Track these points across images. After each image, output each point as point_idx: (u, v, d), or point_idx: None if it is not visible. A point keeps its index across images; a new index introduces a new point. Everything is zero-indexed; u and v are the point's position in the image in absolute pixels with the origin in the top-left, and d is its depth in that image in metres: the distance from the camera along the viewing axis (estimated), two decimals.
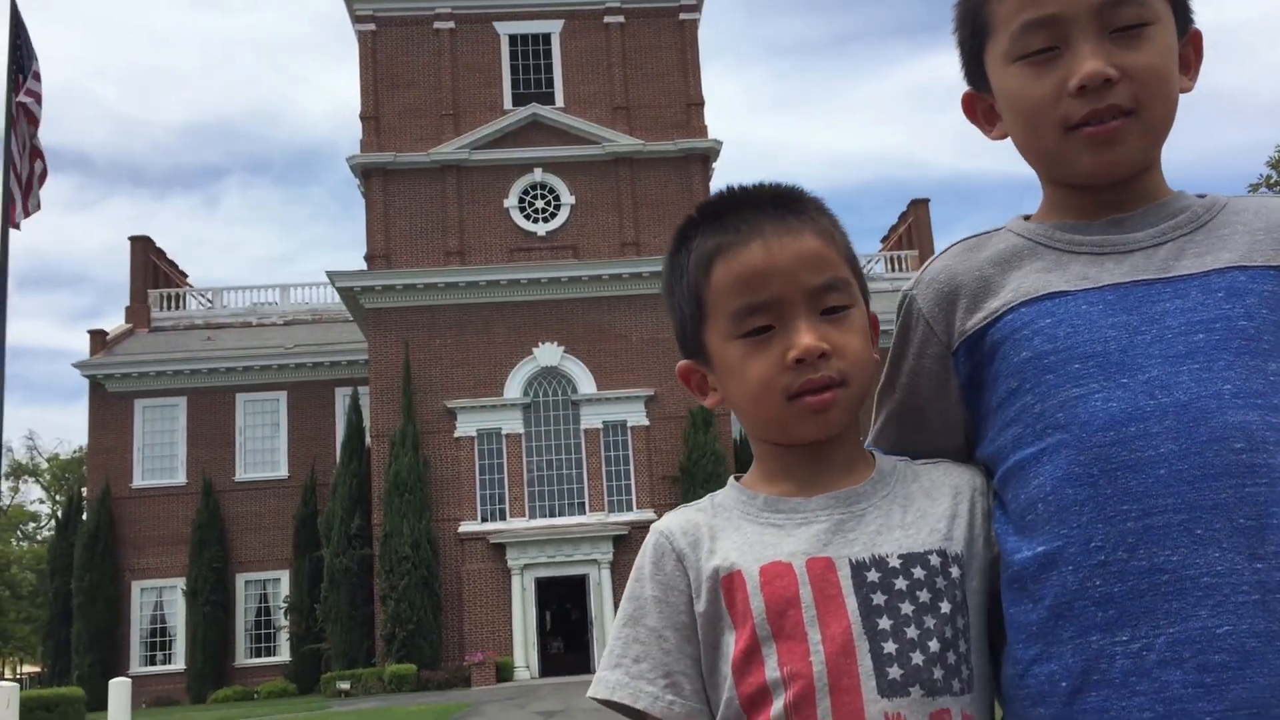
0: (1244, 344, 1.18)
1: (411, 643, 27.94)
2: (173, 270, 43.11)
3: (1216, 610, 1.10)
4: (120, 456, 36.09)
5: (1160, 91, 1.22)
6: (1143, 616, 1.13)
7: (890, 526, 1.24)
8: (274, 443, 36.79)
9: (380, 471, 29.58)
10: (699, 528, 1.26)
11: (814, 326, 1.22)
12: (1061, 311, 1.24)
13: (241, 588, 35.53)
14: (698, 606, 1.22)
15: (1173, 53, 1.25)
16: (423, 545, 28.54)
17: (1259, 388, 1.17)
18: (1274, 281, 1.21)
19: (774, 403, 1.23)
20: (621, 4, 33.23)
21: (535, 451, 30.70)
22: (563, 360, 31.04)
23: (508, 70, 32.83)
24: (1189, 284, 1.22)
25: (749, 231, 1.25)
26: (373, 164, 31.67)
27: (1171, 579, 1.12)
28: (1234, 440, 1.14)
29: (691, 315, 1.30)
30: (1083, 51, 1.21)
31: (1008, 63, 1.27)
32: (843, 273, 1.27)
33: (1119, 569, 1.15)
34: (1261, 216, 1.26)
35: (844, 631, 1.16)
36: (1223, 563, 1.11)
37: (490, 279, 30.88)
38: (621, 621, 1.25)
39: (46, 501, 58.62)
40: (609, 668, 1.23)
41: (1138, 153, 1.24)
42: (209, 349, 37.05)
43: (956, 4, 1.34)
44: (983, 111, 1.35)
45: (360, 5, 32.59)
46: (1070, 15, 1.22)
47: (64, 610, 34.68)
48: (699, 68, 33.31)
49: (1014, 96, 1.27)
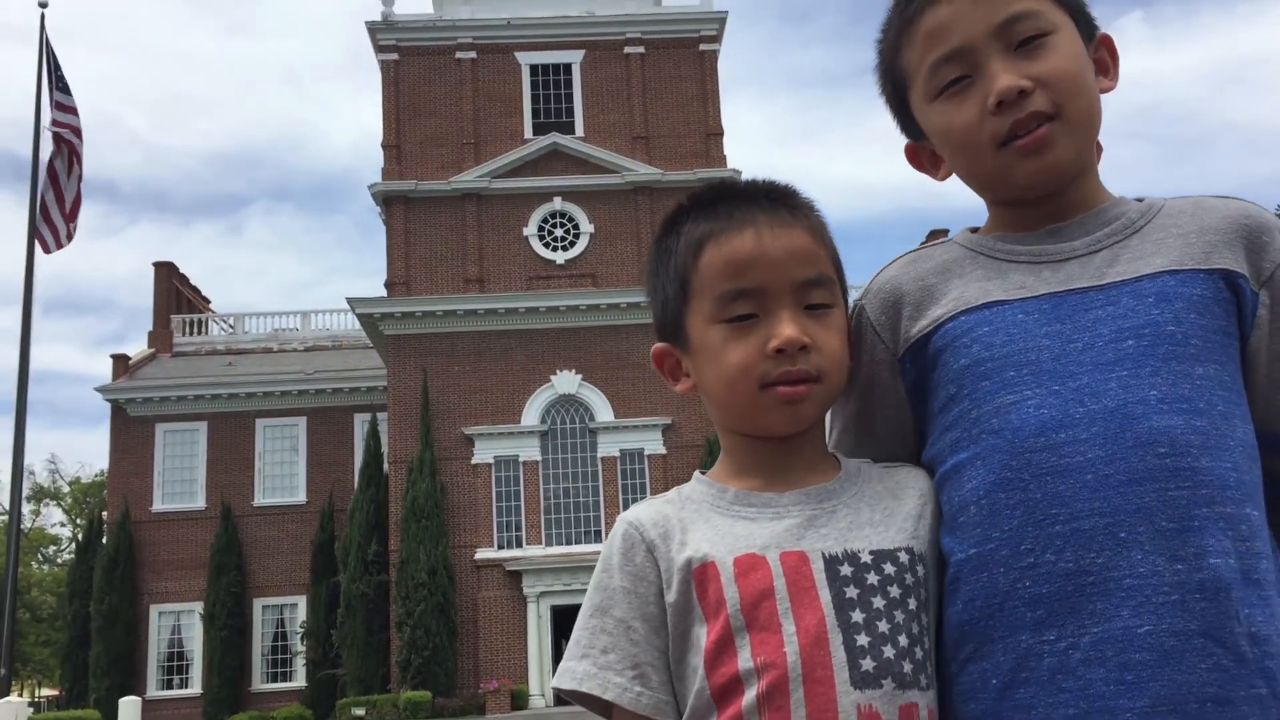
0: (1171, 349, 1.21)
1: (427, 669, 27.88)
2: (195, 296, 43.47)
3: (1138, 610, 1.13)
4: (140, 480, 36.28)
5: (1075, 90, 1.26)
6: (1069, 617, 1.16)
7: (860, 524, 1.25)
8: (293, 468, 36.92)
9: (398, 497, 29.62)
10: (669, 519, 1.26)
11: (797, 319, 1.24)
12: (999, 320, 1.27)
13: (259, 612, 35.55)
14: (668, 597, 1.22)
15: (1079, 56, 1.28)
16: (439, 572, 28.52)
17: (1185, 392, 1.19)
18: (1203, 285, 1.23)
19: (748, 389, 1.24)
20: (642, 35, 33.48)
21: (552, 479, 30.69)
22: (580, 388, 31.08)
23: (528, 100, 33.08)
24: (1121, 290, 1.25)
25: (742, 219, 1.27)
26: (394, 191, 31.92)
27: (1096, 580, 1.15)
28: (1158, 445, 1.17)
29: (675, 297, 1.31)
30: (992, 70, 1.25)
31: (929, 102, 1.31)
32: (829, 271, 1.29)
33: (1047, 571, 1.17)
34: (1195, 219, 1.28)
35: (818, 623, 1.17)
36: (1144, 564, 1.14)
37: (509, 306, 30.99)
38: (589, 612, 1.25)
39: (67, 525, 58.95)
40: (575, 658, 1.23)
41: (1070, 154, 1.27)
42: (230, 374, 37.29)
43: (875, 68, 1.40)
44: (926, 158, 1.40)
45: (384, 35, 32.96)
46: (973, 43, 1.26)
47: (83, 633, 34.78)
48: (718, 98, 33.48)
49: (943, 130, 1.31)
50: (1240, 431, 1.21)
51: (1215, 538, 1.15)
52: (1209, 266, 1.24)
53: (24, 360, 14.35)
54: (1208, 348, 1.21)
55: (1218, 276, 1.23)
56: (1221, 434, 1.19)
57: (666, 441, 30.74)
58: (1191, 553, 1.14)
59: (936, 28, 1.28)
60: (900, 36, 1.33)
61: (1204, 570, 1.13)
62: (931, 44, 1.29)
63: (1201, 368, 1.20)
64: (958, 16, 1.27)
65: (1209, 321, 1.22)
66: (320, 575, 33.65)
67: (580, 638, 1.24)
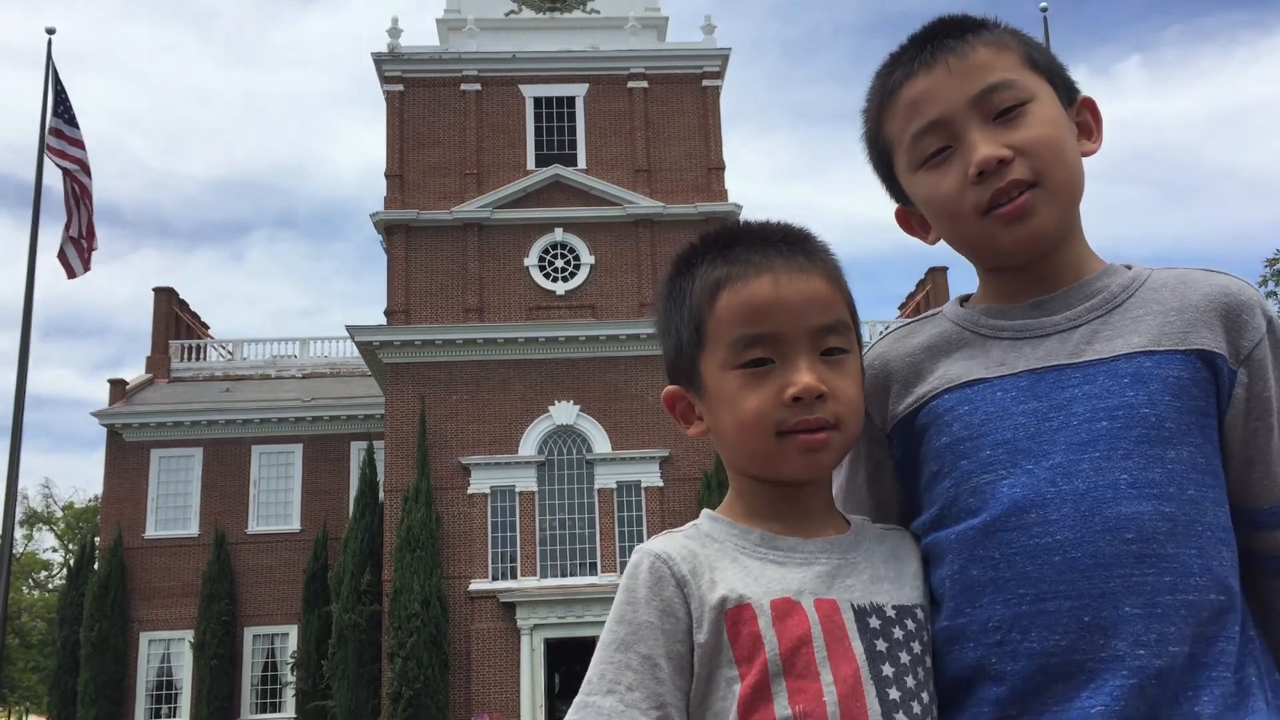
0: (1145, 432, 1.21)
1: (418, 702, 27.61)
2: (194, 321, 43.48)
3: (1095, 693, 1.15)
4: (134, 506, 36.10)
5: (1055, 158, 1.27)
6: (1032, 696, 1.18)
7: (879, 579, 1.25)
8: (288, 495, 36.76)
9: (392, 527, 29.48)
10: (696, 556, 1.24)
11: (814, 366, 1.23)
12: (978, 398, 1.29)
13: (249, 642, 35.26)
14: (698, 637, 1.19)
15: (1058, 122, 1.30)
16: (432, 603, 28.32)
17: (1156, 477, 1.20)
18: (1180, 366, 1.24)
19: (764, 437, 1.23)
20: (645, 70, 33.74)
21: (548, 510, 30.57)
22: (578, 419, 31.03)
23: (531, 132, 33.27)
24: (1097, 369, 1.26)
25: (760, 264, 1.26)
26: (396, 220, 32.03)
27: (1060, 662, 1.17)
28: (1126, 531, 1.18)
29: (689, 340, 1.30)
30: (973, 141, 1.26)
31: (913, 172, 1.33)
32: (845, 317, 1.28)
33: (1013, 649, 1.19)
34: (1178, 294, 1.28)
35: (853, 674, 1.16)
36: (1107, 649, 1.16)
37: (508, 336, 31.00)
38: (613, 645, 1.20)
39: (59, 550, 58.63)
40: (601, 693, 1.18)
41: (1052, 221, 1.27)
42: (227, 400, 37.21)
43: (861, 136, 1.42)
44: (916, 222, 1.41)
45: (390, 67, 33.20)
46: (951, 115, 1.28)
47: (72, 660, 34.47)
48: (720, 133, 33.68)
49: (927, 199, 1.33)
50: (1210, 515, 1.21)
51: (1176, 625, 1.16)
52: (1186, 347, 1.24)
53: (21, 383, 14.31)
54: (1182, 429, 1.22)
55: (1195, 357, 1.24)
56: (1190, 519, 1.19)
57: (664, 474, 30.64)
58: (1154, 639, 1.16)
59: (916, 99, 1.30)
60: (882, 107, 1.36)
61: (1164, 657, 1.15)
62: (912, 115, 1.31)
63: (1175, 451, 1.21)
64: (936, 88, 1.29)
65: (1185, 403, 1.23)
66: (313, 604, 33.41)
67: (606, 672, 1.19)
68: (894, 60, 1.36)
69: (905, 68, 1.33)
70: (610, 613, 1.24)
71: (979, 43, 1.30)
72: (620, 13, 34.56)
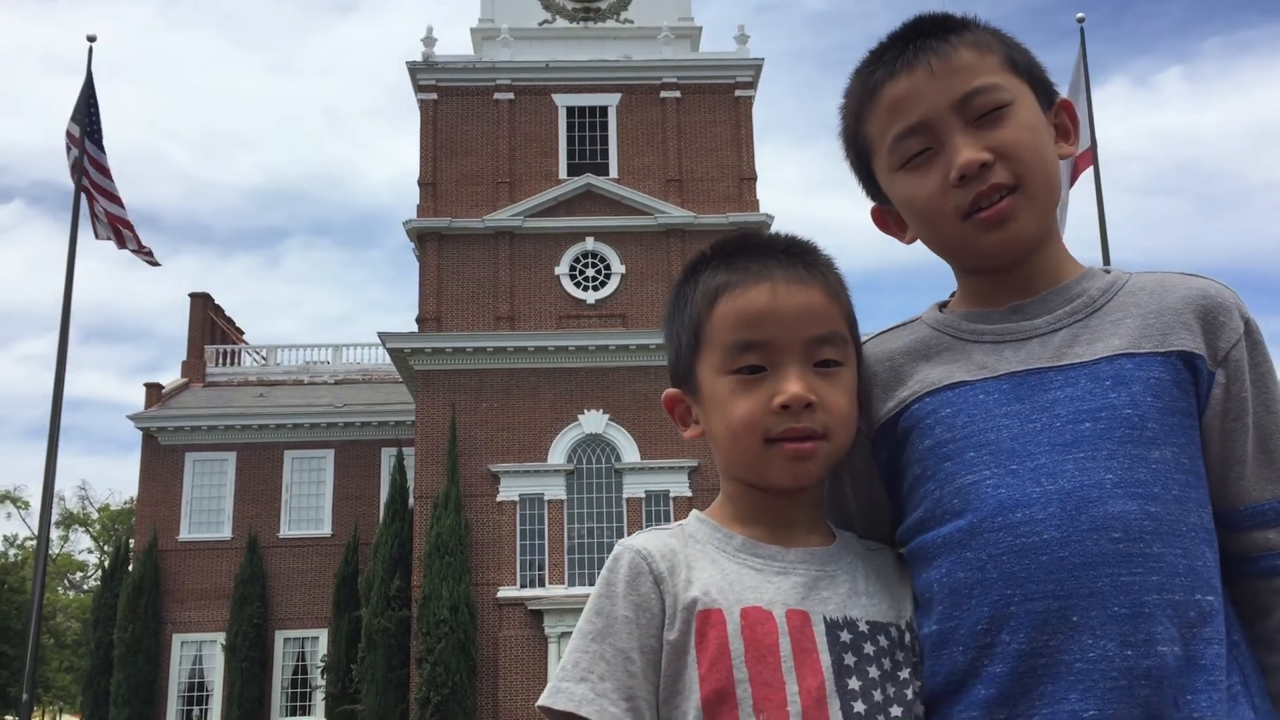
0: (1128, 433, 1.22)
1: (445, 708, 27.70)
2: (230, 327, 43.94)
3: (1085, 695, 1.15)
4: (169, 509, 36.50)
5: (1034, 162, 1.28)
6: (1020, 697, 1.18)
7: (857, 593, 1.26)
8: (319, 500, 37.03)
9: (422, 533, 29.62)
10: (675, 553, 1.26)
11: (804, 376, 1.25)
12: (961, 401, 1.29)
13: (280, 645, 35.52)
14: (668, 634, 1.21)
15: (1037, 126, 1.30)
16: (461, 609, 28.42)
17: (1140, 477, 1.20)
18: (1160, 368, 1.24)
19: (752, 443, 1.25)
20: (678, 80, 33.79)
21: (577, 519, 30.60)
22: (607, 428, 31.06)
23: (564, 141, 33.40)
24: (1079, 372, 1.26)
25: (759, 273, 1.29)
26: (428, 228, 32.24)
27: (1048, 663, 1.17)
28: (1112, 530, 1.18)
29: (688, 345, 1.33)
30: (955, 144, 1.27)
31: (893, 173, 1.34)
32: (841, 329, 1.30)
33: (1002, 651, 1.19)
34: (1155, 298, 1.29)
35: (819, 686, 1.17)
36: (1095, 649, 1.16)
37: (539, 345, 31.10)
38: (589, 636, 1.23)
39: (95, 551, 59.33)
40: (574, 680, 1.21)
41: (1032, 225, 1.28)
42: (260, 405, 37.56)
43: (839, 134, 1.43)
44: (893, 221, 1.42)
45: (424, 76, 33.46)
46: (933, 117, 1.29)
47: (105, 661, 34.86)
48: (752, 143, 33.66)
49: (907, 201, 1.33)
50: (1194, 516, 1.21)
51: (1164, 625, 1.16)
52: (1167, 349, 1.25)
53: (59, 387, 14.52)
54: (1164, 430, 1.22)
55: (1175, 358, 1.24)
56: (1175, 519, 1.20)
57: (692, 484, 30.60)
58: (1141, 639, 1.16)
59: (898, 101, 1.30)
60: (862, 106, 1.36)
61: (1152, 657, 1.14)
62: (894, 117, 1.31)
63: (1158, 451, 1.22)
64: (919, 90, 1.29)
65: (1166, 404, 1.23)
66: (343, 609, 33.61)
67: (580, 660, 1.22)
68: (874, 59, 1.35)
69: (887, 67, 1.32)
70: (588, 603, 1.26)
71: (961, 44, 1.30)
72: (653, 23, 34.64)
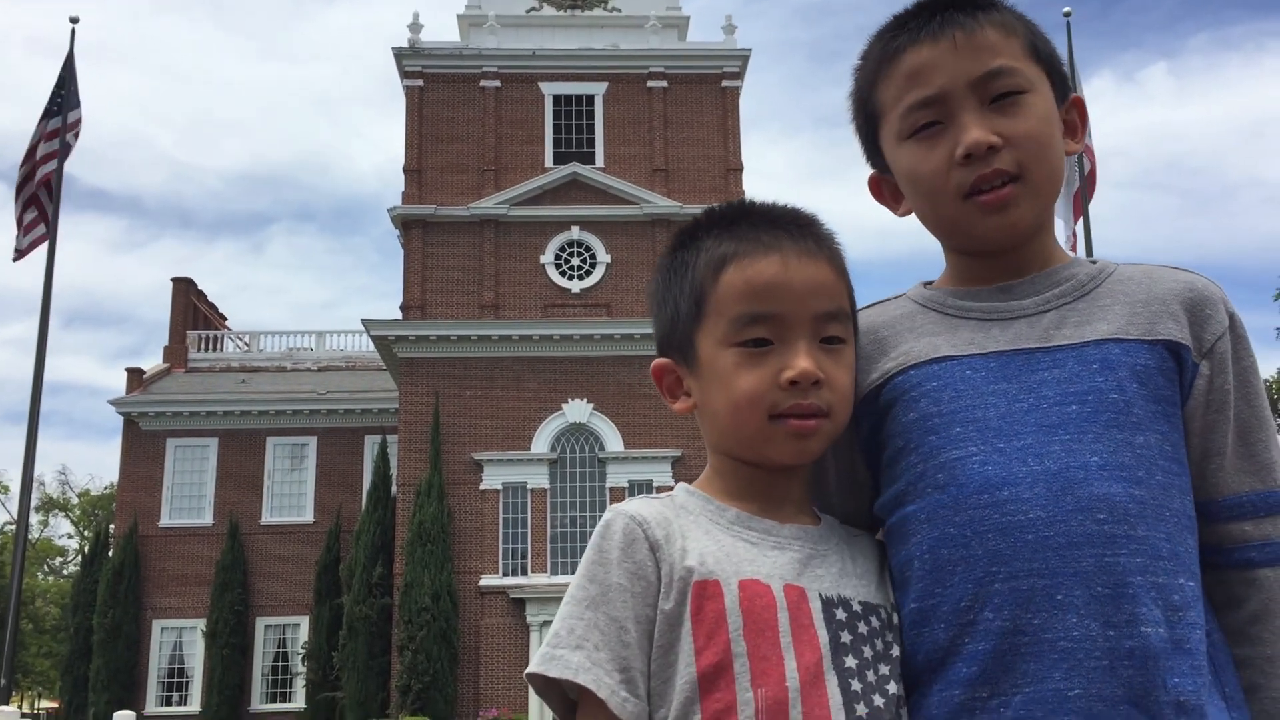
0: (1113, 417, 1.22)
1: (426, 695, 27.71)
2: (212, 312, 43.71)
3: (1069, 674, 1.15)
4: (149, 495, 36.33)
5: (1041, 155, 1.27)
6: (1003, 675, 1.17)
7: (848, 573, 1.25)
8: (301, 487, 36.92)
9: (404, 521, 29.58)
10: (669, 521, 1.23)
11: (812, 352, 1.23)
12: (947, 375, 1.29)
13: (261, 632, 35.44)
14: (663, 604, 1.18)
15: (1050, 118, 1.30)
16: (443, 597, 28.41)
17: (1125, 460, 1.21)
18: (1147, 355, 1.25)
19: (756, 419, 1.23)
20: (665, 69, 33.73)
21: (560, 508, 30.61)
22: (591, 417, 31.06)
23: (550, 129, 33.31)
24: (1066, 354, 1.26)
25: (769, 244, 1.25)
26: (413, 216, 32.12)
27: (1031, 641, 1.17)
28: (1098, 511, 1.18)
29: (688, 313, 1.28)
30: (965, 122, 1.26)
31: (900, 141, 1.33)
32: (846, 306, 1.28)
33: (985, 628, 1.19)
34: (1143, 288, 1.29)
35: (816, 663, 1.16)
36: (1079, 628, 1.16)
37: (523, 333, 31.06)
38: (583, 603, 1.18)
39: (75, 536, 59.03)
40: (569, 648, 1.16)
41: (1030, 215, 1.28)
42: (242, 391, 37.39)
43: (849, 95, 1.41)
44: (888, 191, 1.41)
45: (410, 62, 33.29)
46: (949, 92, 1.28)
47: (84, 646, 34.72)
48: (739, 134, 33.64)
49: (909, 172, 1.32)
50: (1177, 503, 1.22)
51: (1147, 606, 1.16)
52: (1154, 337, 1.25)
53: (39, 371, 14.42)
54: (1149, 417, 1.23)
55: (1161, 347, 1.25)
56: (1159, 504, 1.20)
57: (676, 474, 30.63)
58: (1124, 619, 1.16)
59: (917, 69, 1.29)
60: (879, 70, 1.34)
61: (1135, 638, 1.15)
62: (910, 85, 1.30)
63: (1142, 436, 1.22)
64: (939, 62, 1.28)
65: (1151, 391, 1.24)
66: (324, 596, 33.55)
67: (575, 628, 1.17)
68: (898, 24, 1.34)
69: (910, 34, 1.31)
70: (579, 569, 1.22)
71: (988, 22, 1.29)
72: (641, 11, 34.55)
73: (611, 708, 1.15)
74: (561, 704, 1.20)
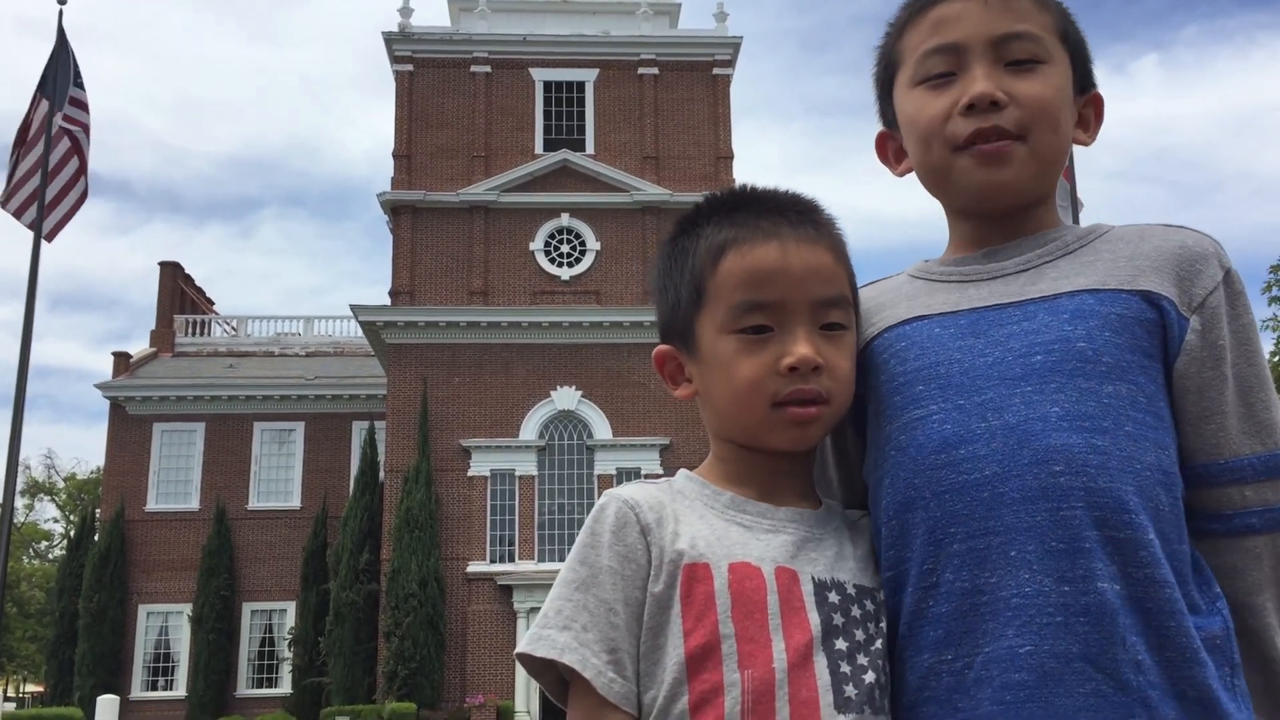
0: (1079, 366, 1.19)
1: (413, 681, 27.74)
2: (200, 297, 43.53)
3: (1022, 630, 1.13)
4: (136, 479, 36.22)
5: (1046, 122, 1.26)
6: (965, 636, 1.16)
7: (844, 557, 1.25)
8: (288, 473, 36.84)
9: (392, 507, 29.56)
10: (663, 505, 1.24)
11: (812, 338, 1.23)
12: (915, 335, 1.28)
13: (247, 617, 35.41)
14: (653, 586, 1.19)
15: (1063, 93, 1.29)
16: (430, 583, 28.42)
17: (1089, 410, 1.17)
18: (1123, 304, 1.22)
19: (758, 406, 1.23)
20: (656, 56, 33.64)
21: (548, 495, 30.62)
22: (580, 405, 31.06)
23: (540, 116, 33.21)
24: (1038, 307, 1.24)
25: (769, 230, 1.25)
26: (402, 201, 32.01)
27: (989, 600, 1.15)
28: (1054, 464, 1.15)
29: (688, 300, 1.28)
30: (975, 74, 1.26)
31: (910, 87, 1.32)
32: (847, 292, 1.28)
33: (947, 590, 1.17)
34: (1131, 245, 1.27)
35: (806, 644, 1.16)
36: (1031, 584, 1.13)
37: (512, 320, 31.02)
38: (573, 584, 1.20)
39: (60, 521, 58.84)
40: (557, 628, 1.18)
41: (1025, 178, 1.27)
42: (230, 376, 37.27)
43: (875, 48, 1.41)
44: (893, 151, 1.40)
45: (400, 46, 33.13)
46: (968, 44, 1.27)
47: (70, 630, 34.63)
48: (730, 122, 33.60)
49: (912, 116, 1.32)
50: (1151, 456, 1.18)
51: (1104, 562, 1.13)
52: (1132, 287, 1.22)
53: (24, 354, 14.35)
54: (1121, 366, 1.19)
55: (1139, 297, 1.22)
56: (1127, 455, 1.16)
57: (664, 462, 30.67)
58: (1079, 575, 1.13)
59: (943, 18, 1.29)
60: (909, 20, 1.34)
61: (1090, 594, 1.12)
62: (934, 31, 1.30)
63: (1112, 386, 1.18)
64: (967, 13, 1.28)
65: (1125, 340, 1.20)
66: (311, 582, 33.53)
67: (563, 608, 1.19)
68: None
69: None
70: (572, 552, 1.23)
71: None
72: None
73: (597, 688, 1.16)
74: (555, 685, 1.21)
